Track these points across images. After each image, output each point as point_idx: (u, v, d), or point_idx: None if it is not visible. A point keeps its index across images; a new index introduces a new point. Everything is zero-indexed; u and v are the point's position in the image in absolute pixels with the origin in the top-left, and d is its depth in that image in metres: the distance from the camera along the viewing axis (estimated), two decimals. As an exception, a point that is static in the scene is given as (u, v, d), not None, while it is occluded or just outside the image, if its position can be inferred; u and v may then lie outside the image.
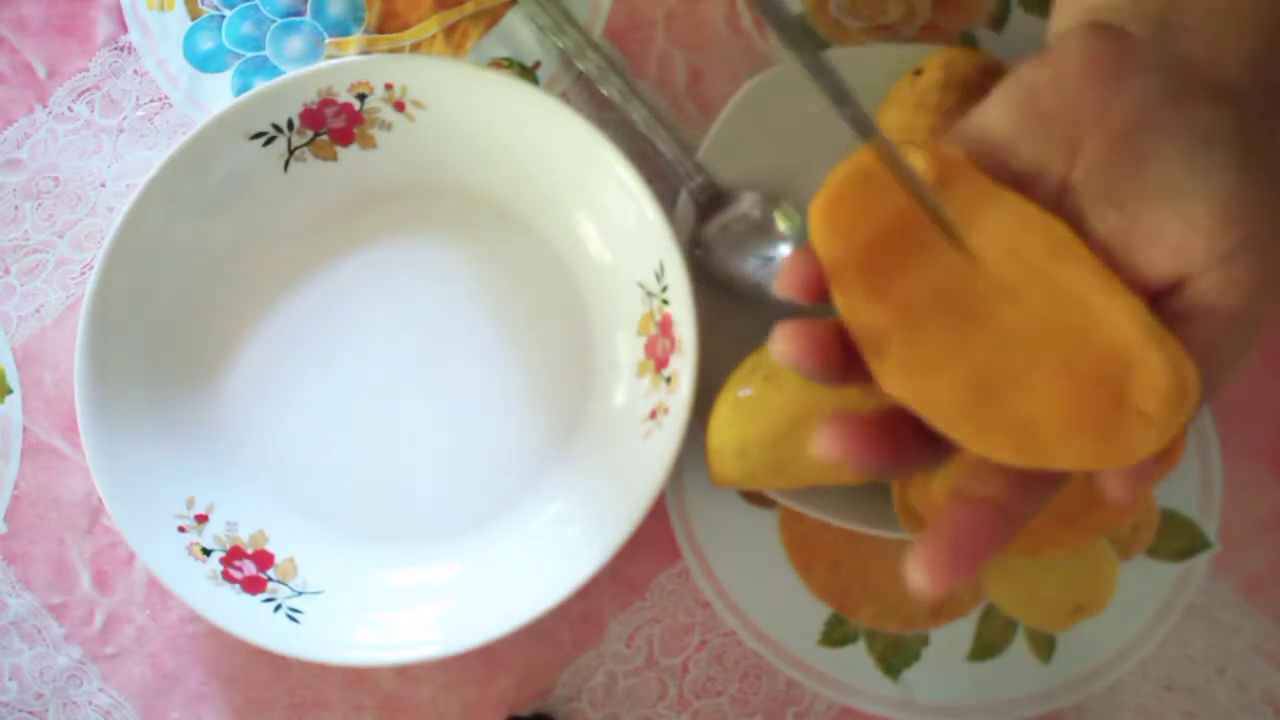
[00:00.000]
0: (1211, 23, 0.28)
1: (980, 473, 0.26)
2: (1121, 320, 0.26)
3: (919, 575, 0.25)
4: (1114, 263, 0.27)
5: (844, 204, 0.27)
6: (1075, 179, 0.27)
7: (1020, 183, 0.28)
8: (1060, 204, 0.27)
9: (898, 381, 0.25)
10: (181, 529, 0.41)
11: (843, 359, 0.26)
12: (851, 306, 0.26)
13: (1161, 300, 0.27)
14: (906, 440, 0.26)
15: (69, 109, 0.48)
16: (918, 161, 0.28)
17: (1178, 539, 0.43)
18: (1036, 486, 0.26)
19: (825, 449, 0.25)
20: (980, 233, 0.27)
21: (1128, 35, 0.28)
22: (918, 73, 0.41)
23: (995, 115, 0.28)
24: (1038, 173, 0.28)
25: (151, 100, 0.48)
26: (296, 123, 0.43)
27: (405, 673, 0.43)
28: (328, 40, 0.48)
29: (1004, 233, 0.27)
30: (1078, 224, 0.27)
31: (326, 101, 0.43)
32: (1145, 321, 0.26)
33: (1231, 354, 0.27)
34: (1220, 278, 0.26)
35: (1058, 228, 0.27)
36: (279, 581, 0.41)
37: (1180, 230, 0.26)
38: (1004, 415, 0.25)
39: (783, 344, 0.26)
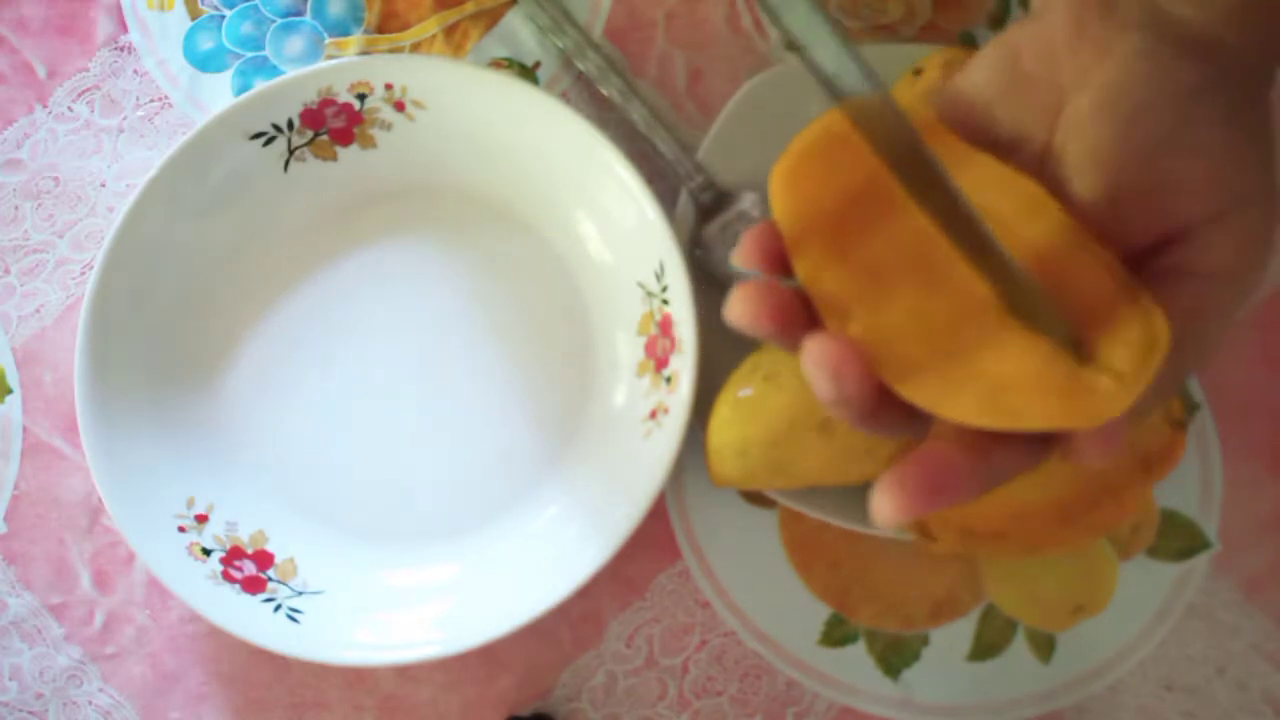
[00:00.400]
0: None
1: (958, 431, 0.25)
2: (1090, 274, 0.25)
3: (882, 501, 0.24)
4: (1096, 223, 0.26)
5: (805, 170, 0.27)
6: (1056, 142, 0.27)
7: (1002, 148, 0.27)
8: (1042, 169, 0.27)
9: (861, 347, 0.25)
10: (181, 529, 0.41)
11: (803, 322, 0.25)
12: (813, 272, 0.26)
13: (1149, 259, 0.26)
14: (891, 404, 0.25)
15: (69, 109, 0.48)
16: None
17: (1178, 539, 0.43)
18: (1015, 444, 0.25)
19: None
20: None
21: None
22: (918, 73, 0.41)
23: (978, 79, 0.28)
24: (1019, 137, 0.27)
25: (151, 100, 0.48)
26: (296, 123, 0.43)
27: (405, 673, 0.43)
28: (328, 40, 0.48)
29: (973, 192, 0.26)
30: (1058, 188, 0.27)
31: (326, 101, 0.43)
32: (1115, 273, 0.25)
33: (1222, 313, 0.26)
34: (1210, 236, 0.26)
35: (1029, 186, 0.27)
36: (279, 581, 0.41)
37: (1168, 189, 0.26)
38: (970, 377, 0.25)
39: (740, 305, 0.25)
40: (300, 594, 0.41)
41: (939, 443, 0.25)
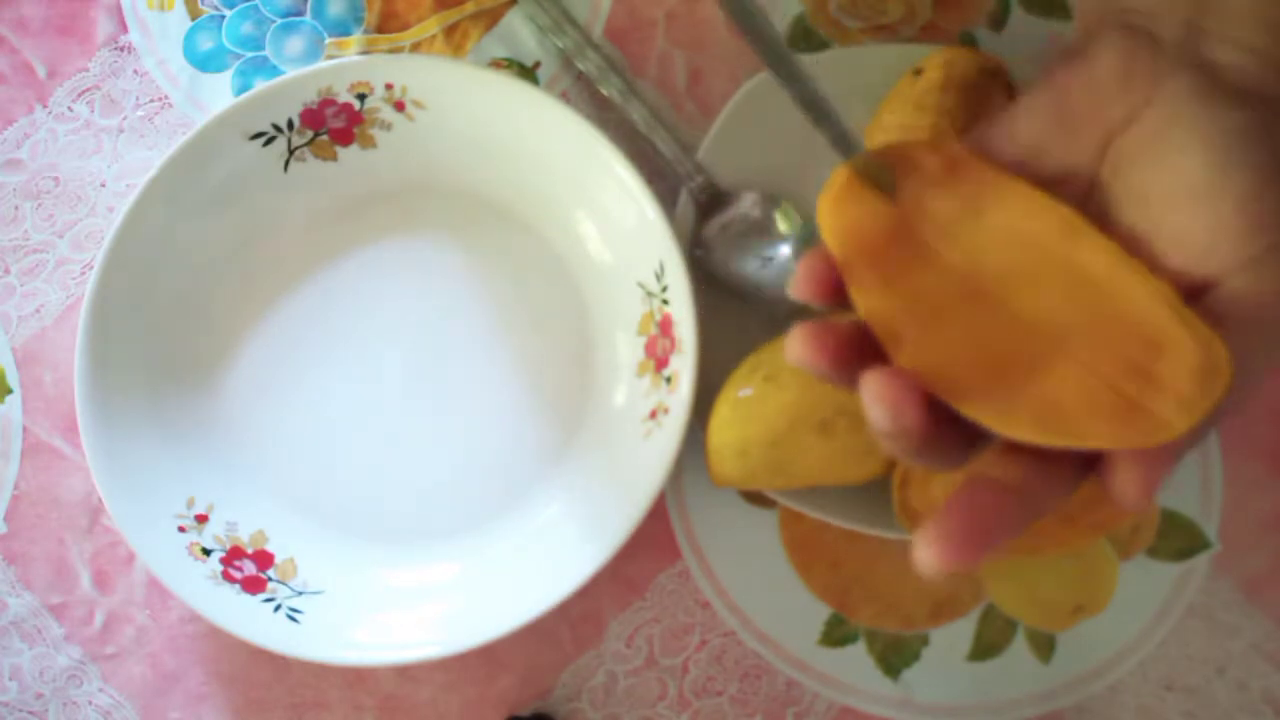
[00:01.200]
0: (1239, 26, 0.28)
1: (998, 458, 0.26)
2: (1146, 301, 0.26)
3: (927, 554, 0.24)
4: (1140, 260, 0.26)
5: (851, 196, 0.27)
6: (1103, 176, 0.27)
7: (1047, 183, 0.28)
8: (1087, 204, 0.27)
9: (917, 367, 0.25)
10: (181, 529, 0.41)
11: (857, 359, 0.26)
12: (866, 297, 0.26)
13: (1187, 303, 0.26)
14: (940, 421, 0.25)
15: (69, 109, 0.48)
16: (930, 158, 0.28)
17: (1178, 539, 0.43)
18: (1056, 474, 0.25)
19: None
20: (990, 220, 0.27)
21: (1158, 39, 0.28)
22: (918, 73, 0.41)
23: (1026, 118, 0.28)
24: (1066, 175, 0.28)
25: (151, 100, 0.48)
26: (296, 123, 0.43)
27: (405, 673, 0.43)
28: (328, 40, 0.48)
29: (1015, 219, 0.27)
30: (1103, 222, 0.27)
31: (326, 101, 0.43)
32: (1171, 302, 0.25)
33: (1257, 363, 0.26)
34: (1246, 282, 0.26)
35: (1067, 213, 0.27)
36: (279, 581, 0.41)
37: (1207, 233, 0.26)
38: (1027, 397, 0.25)
39: (799, 347, 0.25)
40: (300, 594, 0.41)
41: (974, 487, 0.25)
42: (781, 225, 0.43)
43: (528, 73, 0.47)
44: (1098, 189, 0.28)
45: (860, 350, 0.26)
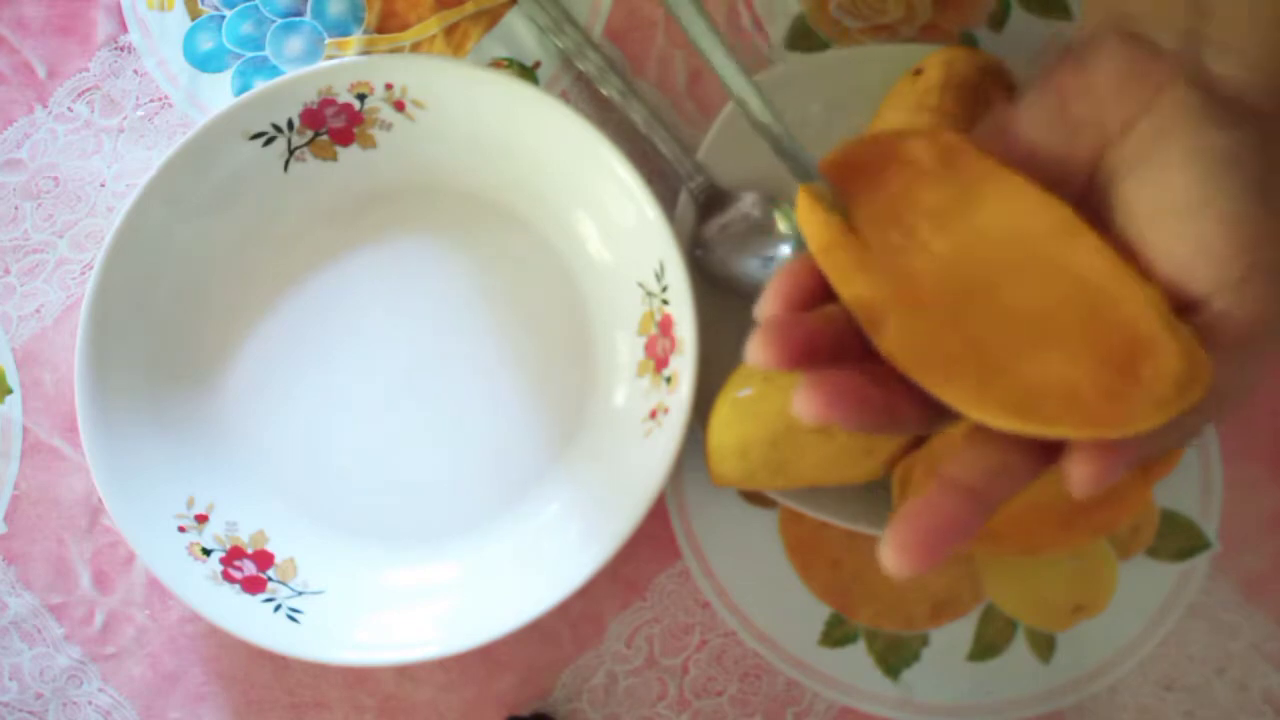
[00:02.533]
0: (1239, 36, 0.28)
1: (959, 457, 0.26)
2: (1134, 304, 0.26)
3: (893, 557, 0.25)
4: (1133, 266, 0.27)
5: (834, 182, 0.28)
6: (1099, 182, 0.28)
7: (1046, 185, 0.28)
8: (1081, 207, 0.27)
9: (897, 349, 0.25)
10: (181, 529, 0.41)
11: (828, 352, 0.26)
12: (845, 280, 0.26)
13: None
14: (900, 397, 0.25)
15: (69, 109, 0.48)
16: (921, 148, 0.28)
17: (1178, 539, 0.43)
18: (1017, 465, 0.26)
19: (805, 412, 0.25)
20: (985, 212, 0.27)
21: (1159, 47, 0.28)
22: (918, 73, 0.41)
23: (1024, 117, 0.29)
24: (1063, 177, 0.28)
25: (151, 100, 0.48)
26: (296, 123, 0.43)
27: (405, 673, 0.43)
28: (328, 40, 0.48)
29: (1011, 213, 0.27)
30: (1098, 226, 0.27)
31: (326, 101, 0.43)
32: (1159, 308, 0.25)
33: (1237, 384, 0.26)
34: (1229, 303, 0.26)
35: (1065, 211, 0.27)
36: (279, 581, 0.41)
37: (1191, 251, 0.26)
38: (1002, 383, 0.25)
39: (757, 350, 0.25)
40: (300, 594, 0.41)
41: (936, 494, 0.25)
42: (781, 225, 0.43)
43: (528, 73, 0.47)
44: (1093, 193, 0.28)
45: (835, 341, 0.26)
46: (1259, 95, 0.27)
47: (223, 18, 0.48)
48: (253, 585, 0.41)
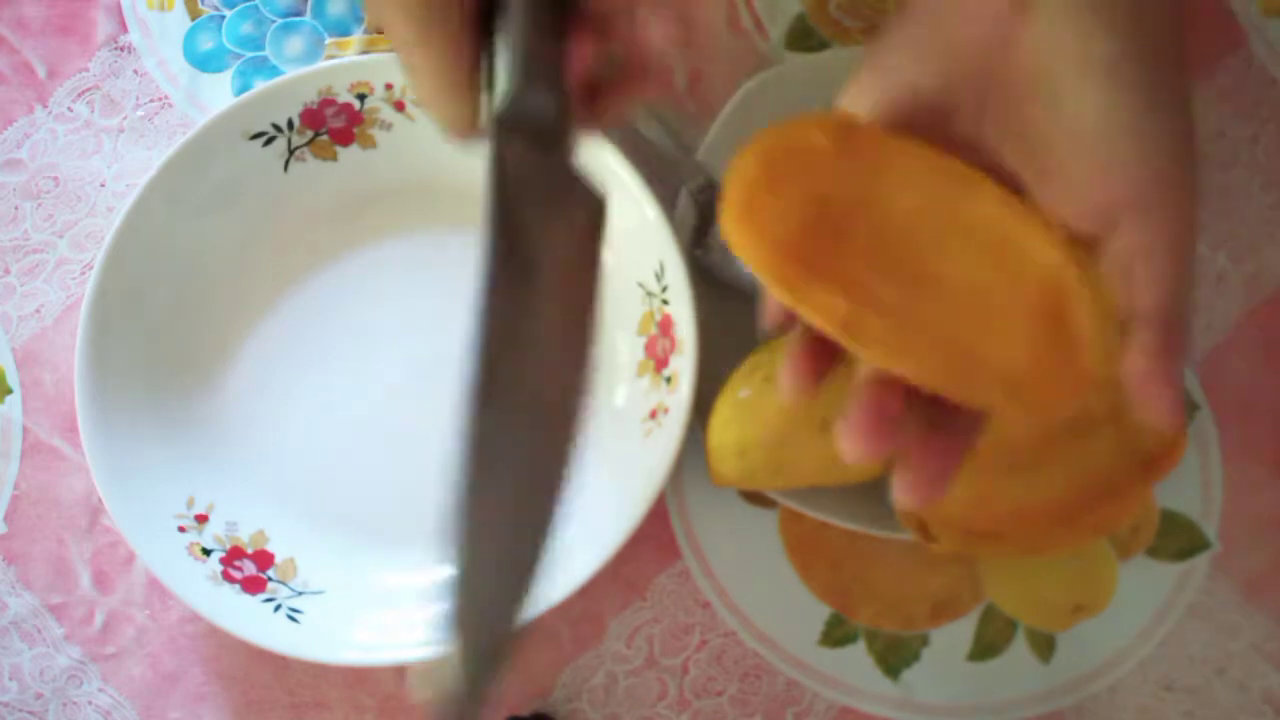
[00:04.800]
0: None
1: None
2: (1042, 248, 0.26)
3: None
4: (1034, 205, 0.27)
5: (756, 205, 0.27)
6: (988, 111, 0.27)
7: (934, 122, 0.27)
8: (977, 149, 0.27)
9: (878, 355, 0.26)
10: (181, 529, 0.41)
11: (825, 361, 0.27)
12: (801, 298, 0.26)
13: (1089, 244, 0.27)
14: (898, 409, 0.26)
15: (69, 109, 0.48)
16: (818, 136, 0.27)
17: (1178, 539, 0.43)
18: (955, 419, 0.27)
19: (851, 454, 0.26)
20: (892, 190, 0.27)
21: None
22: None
23: (895, 55, 0.28)
24: (948, 110, 0.27)
25: (151, 100, 0.48)
26: (296, 123, 0.43)
27: (405, 673, 0.43)
28: (328, 40, 0.48)
29: (913, 185, 0.27)
30: (993, 169, 0.27)
31: (326, 101, 0.43)
32: (1063, 245, 0.26)
33: (1175, 289, 0.26)
34: (1141, 216, 0.26)
35: (959, 167, 0.27)
36: (279, 581, 0.41)
37: (1095, 173, 0.26)
38: (983, 368, 0.26)
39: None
40: (300, 594, 0.41)
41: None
42: (781, 225, 0.43)
43: (528, 73, 0.47)
44: (984, 126, 0.27)
45: (822, 350, 0.27)
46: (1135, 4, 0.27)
47: (223, 18, 0.48)
48: (253, 585, 0.41)
